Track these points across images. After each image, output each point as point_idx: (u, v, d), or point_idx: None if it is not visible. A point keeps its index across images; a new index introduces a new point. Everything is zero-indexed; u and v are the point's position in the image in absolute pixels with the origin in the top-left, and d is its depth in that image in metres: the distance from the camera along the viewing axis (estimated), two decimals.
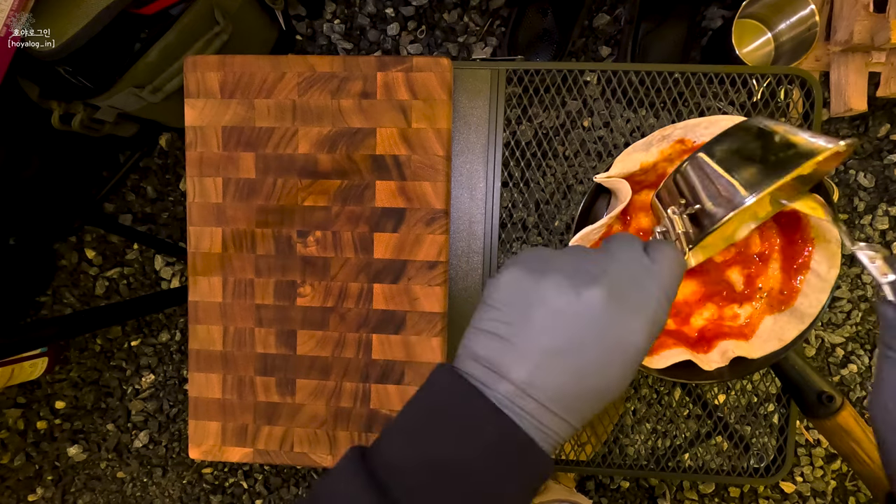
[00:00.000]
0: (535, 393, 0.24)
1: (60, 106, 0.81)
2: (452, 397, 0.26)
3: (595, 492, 1.12)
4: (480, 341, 0.26)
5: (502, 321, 0.26)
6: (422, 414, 0.27)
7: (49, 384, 1.20)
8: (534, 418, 0.25)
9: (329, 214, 0.52)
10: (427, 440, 0.26)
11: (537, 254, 0.27)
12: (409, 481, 0.25)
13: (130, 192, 1.15)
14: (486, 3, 1.06)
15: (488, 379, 0.25)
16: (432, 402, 0.27)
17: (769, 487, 1.10)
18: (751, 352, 0.44)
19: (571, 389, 0.25)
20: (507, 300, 0.26)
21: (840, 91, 0.98)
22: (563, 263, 0.26)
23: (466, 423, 0.25)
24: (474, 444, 0.25)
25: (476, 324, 0.27)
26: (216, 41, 0.83)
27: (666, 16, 0.95)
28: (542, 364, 0.24)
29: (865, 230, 1.05)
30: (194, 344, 0.54)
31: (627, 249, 0.27)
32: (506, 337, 0.25)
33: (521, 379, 0.25)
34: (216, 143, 0.52)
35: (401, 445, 0.26)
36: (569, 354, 0.24)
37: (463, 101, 0.53)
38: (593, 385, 0.25)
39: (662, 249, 0.28)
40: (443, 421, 0.26)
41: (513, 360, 0.25)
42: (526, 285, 0.26)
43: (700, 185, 0.33)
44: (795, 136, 0.33)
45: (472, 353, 0.26)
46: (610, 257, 0.27)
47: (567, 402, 0.25)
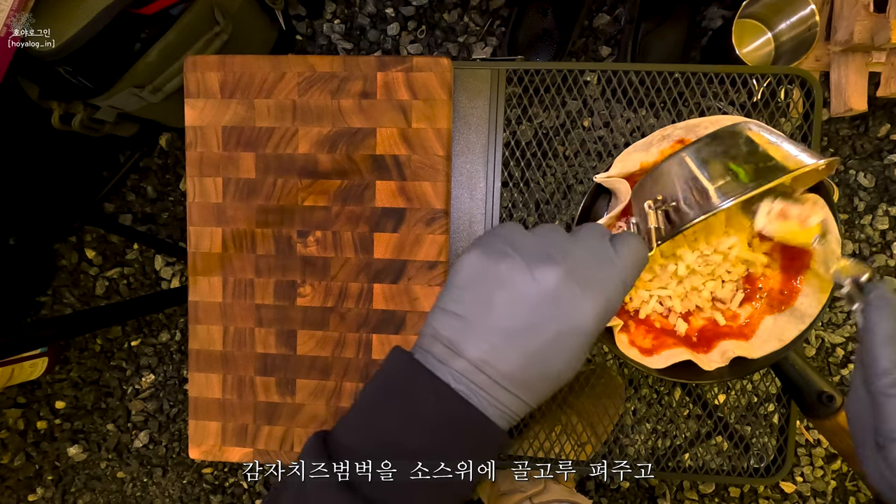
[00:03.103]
0: (489, 370, 0.25)
1: (60, 106, 0.81)
2: (402, 375, 0.27)
3: (595, 492, 1.12)
4: (442, 320, 0.27)
5: (462, 301, 0.27)
6: (374, 393, 0.28)
7: (49, 384, 1.20)
8: (487, 393, 0.26)
9: (329, 214, 0.52)
10: (378, 417, 0.27)
11: (504, 234, 0.28)
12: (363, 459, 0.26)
13: (130, 192, 1.15)
14: (486, 3, 1.06)
15: (446, 356, 0.26)
16: (384, 381, 0.28)
17: (769, 487, 1.10)
18: (751, 352, 0.44)
19: (524, 367, 0.26)
20: (468, 281, 0.27)
21: (840, 91, 0.98)
22: (525, 245, 0.27)
23: (414, 399, 0.26)
24: (422, 417, 0.26)
25: (439, 303, 0.28)
26: (216, 41, 0.83)
27: (666, 16, 0.95)
28: (497, 344, 0.25)
29: (865, 230, 1.05)
30: (194, 344, 0.54)
31: (593, 236, 0.28)
32: (465, 317, 0.26)
33: (476, 357, 0.26)
34: (216, 143, 0.52)
35: (355, 425, 0.28)
36: (523, 334, 0.25)
37: (463, 101, 0.53)
38: (545, 363, 0.26)
39: (627, 240, 0.29)
40: (394, 398, 0.27)
41: (470, 339, 0.26)
42: (486, 267, 0.27)
43: (678, 184, 0.34)
44: (777, 149, 0.33)
45: (434, 332, 0.27)
46: (574, 240, 0.28)
47: (520, 379, 0.26)
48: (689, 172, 0.33)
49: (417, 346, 0.28)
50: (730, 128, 0.35)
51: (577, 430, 0.55)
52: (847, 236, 1.05)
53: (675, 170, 0.34)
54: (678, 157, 0.34)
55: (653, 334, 0.46)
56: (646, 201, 0.34)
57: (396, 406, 0.27)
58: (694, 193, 0.32)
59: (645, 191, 0.36)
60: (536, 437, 0.55)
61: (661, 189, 0.34)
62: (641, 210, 0.35)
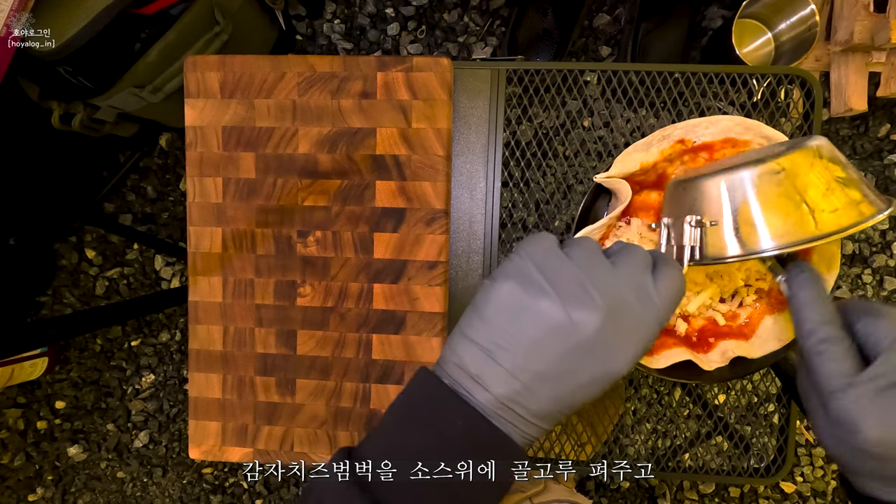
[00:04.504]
0: (518, 409, 0.25)
1: (60, 106, 0.81)
2: (430, 398, 0.27)
3: (595, 492, 1.12)
4: (468, 350, 0.26)
5: (491, 335, 0.26)
6: (402, 413, 0.28)
7: (49, 384, 1.20)
8: (513, 426, 0.26)
9: (329, 214, 0.52)
10: (405, 437, 0.27)
11: (538, 258, 0.26)
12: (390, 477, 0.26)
13: (130, 192, 1.15)
14: (486, 2, 1.06)
15: (471, 387, 0.26)
16: (412, 401, 0.28)
17: (769, 487, 1.10)
18: (751, 352, 0.44)
19: (553, 407, 0.26)
20: (499, 314, 0.26)
21: (840, 91, 0.98)
22: (562, 277, 0.25)
23: (442, 421, 0.26)
24: (449, 439, 0.25)
25: (466, 331, 0.27)
26: (216, 41, 0.83)
27: (666, 16, 0.95)
28: (527, 384, 0.25)
29: (866, 230, 1.05)
30: (194, 344, 0.54)
31: (636, 267, 0.26)
32: (493, 352, 0.25)
33: (503, 395, 0.25)
34: (216, 143, 0.52)
35: (382, 443, 0.27)
36: (555, 378, 0.25)
37: (463, 101, 0.53)
38: (574, 402, 0.26)
39: (671, 275, 0.27)
40: (421, 419, 0.27)
41: (498, 377, 0.25)
42: (520, 301, 0.25)
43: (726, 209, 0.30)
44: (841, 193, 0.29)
45: (459, 360, 0.26)
46: (614, 273, 0.26)
47: (548, 417, 0.26)
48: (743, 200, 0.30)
49: (442, 369, 0.27)
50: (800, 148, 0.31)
51: (577, 430, 0.55)
52: (847, 236, 1.05)
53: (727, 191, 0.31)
54: (736, 177, 0.31)
55: None
56: (687, 215, 0.32)
57: (423, 427, 0.26)
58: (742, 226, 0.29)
59: (687, 199, 0.33)
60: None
61: (707, 207, 0.31)
62: (679, 223, 0.32)
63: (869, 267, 1.06)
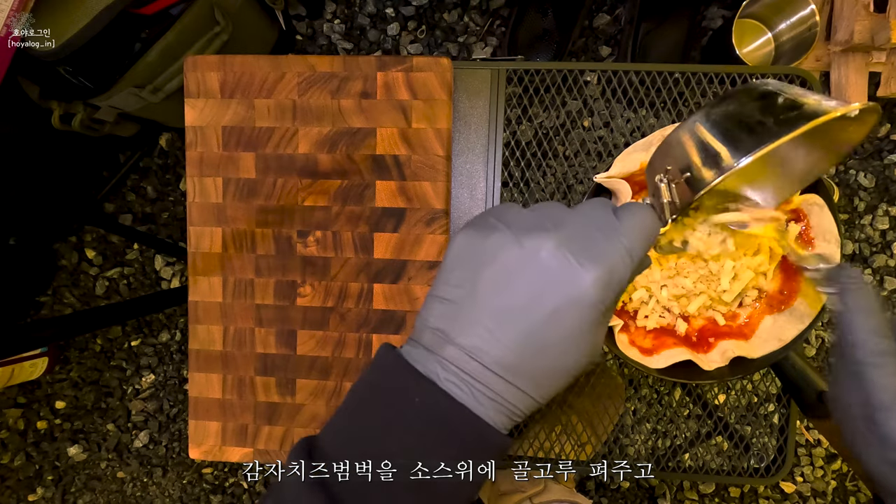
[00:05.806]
0: (481, 356, 0.23)
1: (60, 106, 0.81)
2: (385, 374, 0.25)
3: (595, 492, 1.12)
4: (431, 307, 0.25)
5: (452, 284, 0.25)
6: (357, 395, 0.26)
7: (49, 384, 1.20)
8: (480, 383, 0.23)
9: (329, 214, 0.52)
10: (360, 420, 0.25)
11: (496, 210, 0.26)
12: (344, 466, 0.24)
13: (130, 192, 1.15)
14: (486, 2, 1.06)
15: (435, 345, 0.24)
16: (367, 382, 0.26)
17: (769, 487, 1.10)
18: (751, 352, 0.44)
19: (519, 350, 0.23)
20: (458, 263, 0.25)
21: (840, 91, 0.98)
22: (517, 219, 0.25)
23: (398, 400, 0.24)
24: (406, 419, 0.24)
25: (432, 291, 0.26)
26: (216, 41, 0.83)
27: (666, 16, 0.95)
28: (489, 326, 0.23)
29: (866, 230, 1.05)
30: (194, 344, 0.54)
31: (594, 206, 0.26)
32: (453, 300, 0.24)
33: (467, 343, 0.23)
34: (216, 143, 0.52)
35: (338, 430, 0.26)
36: (515, 313, 0.23)
37: (463, 101, 0.53)
38: (544, 345, 0.23)
39: (631, 209, 0.26)
40: (376, 399, 0.25)
41: (459, 324, 0.24)
42: (474, 244, 0.25)
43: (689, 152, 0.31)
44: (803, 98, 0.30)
45: (423, 320, 0.25)
46: (572, 211, 0.25)
47: (515, 365, 0.23)
48: (700, 137, 0.30)
49: (409, 339, 0.26)
50: (743, 86, 0.32)
51: (577, 430, 0.55)
52: (847, 236, 1.05)
53: (685, 137, 0.31)
54: (687, 124, 0.31)
55: (653, 334, 0.46)
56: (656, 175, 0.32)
57: (379, 408, 0.25)
58: (707, 159, 0.29)
59: (655, 165, 0.33)
60: (536, 437, 0.55)
61: (673, 161, 0.31)
62: (654, 186, 0.32)
63: (869, 267, 1.06)
